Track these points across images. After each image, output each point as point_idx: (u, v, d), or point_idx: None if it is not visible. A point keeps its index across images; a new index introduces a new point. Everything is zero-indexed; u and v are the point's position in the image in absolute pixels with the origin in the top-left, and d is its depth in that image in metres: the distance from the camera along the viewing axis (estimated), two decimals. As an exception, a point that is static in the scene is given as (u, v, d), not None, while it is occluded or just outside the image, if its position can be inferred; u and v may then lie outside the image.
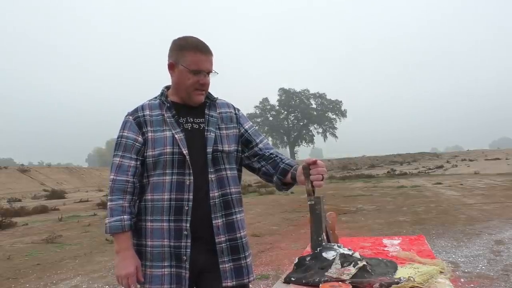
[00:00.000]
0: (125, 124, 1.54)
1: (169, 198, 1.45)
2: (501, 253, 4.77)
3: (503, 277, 3.86)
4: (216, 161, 1.52)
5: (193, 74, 1.50)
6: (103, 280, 4.48)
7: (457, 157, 39.37)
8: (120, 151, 1.50)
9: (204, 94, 1.55)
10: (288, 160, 1.61)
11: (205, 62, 1.51)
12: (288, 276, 1.40)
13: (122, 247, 1.45)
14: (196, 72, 1.50)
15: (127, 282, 1.44)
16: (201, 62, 1.50)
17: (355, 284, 1.24)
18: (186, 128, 1.53)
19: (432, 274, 1.36)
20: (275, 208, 10.58)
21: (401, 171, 27.96)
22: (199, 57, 1.50)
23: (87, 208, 13.61)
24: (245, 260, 1.54)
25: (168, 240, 1.45)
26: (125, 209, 1.45)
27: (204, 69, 1.51)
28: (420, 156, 45.06)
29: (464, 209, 8.57)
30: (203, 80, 1.51)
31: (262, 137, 1.69)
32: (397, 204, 10.13)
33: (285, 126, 67.53)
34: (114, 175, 1.48)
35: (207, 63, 1.52)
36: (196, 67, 1.49)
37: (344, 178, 24.31)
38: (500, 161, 31.08)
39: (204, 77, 1.51)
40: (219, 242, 1.48)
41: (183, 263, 1.45)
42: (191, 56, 1.49)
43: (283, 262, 4.76)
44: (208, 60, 1.52)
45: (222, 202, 1.51)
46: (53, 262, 5.54)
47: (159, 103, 1.56)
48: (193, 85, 1.51)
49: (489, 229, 6.25)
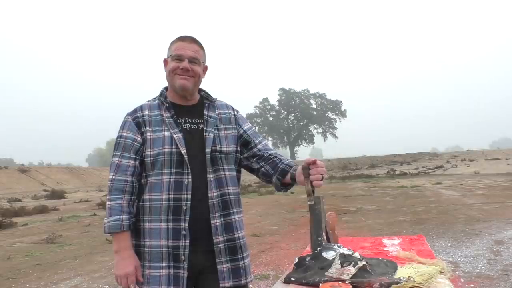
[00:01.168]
0: (124, 124, 1.54)
1: (168, 197, 1.45)
2: (501, 253, 4.78)
3: (503, 277, 3.86)
4: (215, 162, 1.52)
5: (174, 60, 1.52)
6: (103, 280, 4.48)
7: (457, 157, 39.37)
8: (119, 151, 1.51)
9: (188, 79, 1.53)
10: (287, 161, 1.62)
11: (186, 48, 1.53)
12: (288, 276, 1.40)
13: (121, 247, 1.45)
14: (177, 57, 1.52)
15: (126, 282, 1.44)
16: (182, 48, 1.52)
17: (355, 284, 1.24)
18: (185, 128, 1.53)
19: (432, 274, 1.37)
20: (275, 208, 10.58)
21: (401, 171, 27.97)
22: (180, 44, 1.53)
23: (87, 208, 13.62)
24: (243, 261, 1.53)
25: (166, 240, 1.45)
26: (124, 209, 1.45)
27: (183, 54, 1.52)
28: (420, 156, 45.07)
29: (464, 209, 8.57)
30: (183, 65, 1.51)
31: (261, 138, 1.70)
32: (397, 204, 10.13)
33: (285, 126, 67.55)
34: (113, 174, 1.48)
35: (188, 50, 1.53)
36: (176, 52, 1.52)
37: (344, 178, 24.31)
38: (500, 161, 31.11)
39: (186, 62, 1.51)
40: (217, 243, 1.48)
41: (181, 263, 1.45)
42: (174, 45, 1.55)
43: (283, 262, 4.76)
44: (189, 47, 1.53)
45: (221, 202, 1.51)
46: (53, 262, 5.54)
47: (158, 103, 1.57)
48: (174, 70, 1.52)
49: (489, 229, 6.26)
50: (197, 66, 1.54)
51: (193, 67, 1.53)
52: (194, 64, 1.53)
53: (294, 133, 67.59)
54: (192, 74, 1.53)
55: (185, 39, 1.55)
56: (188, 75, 1.53)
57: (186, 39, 1.55)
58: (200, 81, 1.60)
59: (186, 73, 1.52)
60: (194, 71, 1.53)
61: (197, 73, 1.55)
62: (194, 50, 1.54)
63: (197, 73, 1.54)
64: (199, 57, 1.55)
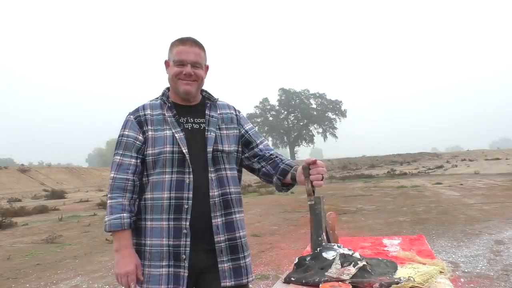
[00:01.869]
0: (126, 123, 1.55)
1: (169, 196, 1.46)
2: (501, 253, 4.78)
3: (503, 277, 3.86)
4: (216, 161, 1.53)
5: (177, 65, 1.53)
6: (103, 280, 4.49)
7: (457, 157, 39.33)
8: (120, 149, 1.51)
9: (191, 84, 1.54)
10: (288, 161, 1.62)
11: (188, 53, 1.52)
12: (288, 276, 1.40)
13: (121, 245, 1.45)
14: (179, 63, 1.52)
15: (127, 280, 1.44)
16: (183, 53, 1.52)
17: (355, 284, 1.24)
18: (187, 128, 1.54)
19: (432, 274, 1.37)
20: (275, 208, 10.58)
21: (401, 171, 27.95)
22: (181, 49, 1.53)
23: (87, 208, 13.62)
24: (244, 260, 1.54)
25: (167, 239, 1.45)
26: (125, 207, 1.46)
27: (185, 59, 1.52)
28: (420, 156, 45.02)
29: (464, 209, 8.57)
30: (186, 70, 1.52)
31: (262, 138, 1.70)
32: (397, 204, 10.13)
33: (285, 126, 67.54)
34: (114, 173, 1.49)
35: (190, 54, 1.52)
36: (178, 57, 1.52)
37: (344, 178, 24.30)
38: (500, 161, 31.08)
39: (189, 68, 1.52)
40: (218, 242, 1.48)
41: (182, 262, 1.45)
42: (175, 49, 1.54)
43: (283, 262, 4.77)
44: (191, 51, 1.53)
45: (222, 201, 1.51)
46: (53, 262, 5.54)
47: (160, 103, 1.58)
48: (177, 75, 1.53)
49: (489, 229, 6.26)
50: (199, 70, 1.55)
51: (196, 72, 1.53)
52: (196, 68, 1.54)
53: (294, 133, 67.56)
54: (195, 78, 1.54)
55: (186, 43, 1.54)
56: (191, 79, 1.53)
57: (187, 42, 1.54)
58: (203, 83, 1.60)
59: (189, 78, 1.52)
60: (197, 75, 1.54)
61: (200, 77, 1.55)
62: (195, 53, 1.54)
63: (200, 76, 1.55)
64: (201, 61, 1.55)
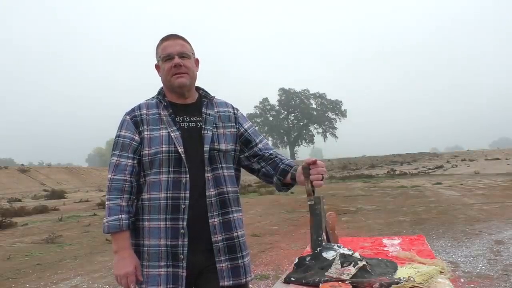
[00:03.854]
0: (122, 123, 1.54)
1: (166, 196, 1.45)
2: (501, 253, 4.78)
3: (503, 277, 3.86)
4: (213, 160, 1.52)
5: (165, 61, 1.53)
6: (103, 280, 4.48)
7: (457, 157, 39.36)
8: (117, 150, 1.50)
9: (183, 76, 1.53)
10: (287, 161, 1.61)
11: (172, 45, 1.53)
12: (288, 276, 1.40)
13: (120, 247, 1.45)
14: (167, 57, 1.52)
15: (126, 281, 1.44)
16: (168, 47, 1.53)
17: (355, 284, 1.24)
18: (183, 126, 1.53)
19: (432, 274, 1.36)
20: (275, 208, 10.58)
21: (401, 171, 27.97)
22: (165, 44, 1.55)
23: (87, 208, 13.63)
24: (242, 260, 1.53)
25: (165, 239, 1.45)
26: (123, 208, 1.45)
27: (172, 51, 1.52)
28: (420, 156, 45.05)
29: (464, 209, 8.57)
30: (174, 61, 1.52)
31: (261, 137, 1.69)
32: (397, 204, 10.13)
33: (285, 126, 67.56)
34: (111, 174, 1.48)
35: (175, 46, 1.53)
36: (165, 52, 1.53)
37: (344, 178, 24.32)
38: (500, 161, 31.10)
39: (177, 59, 1.52)
40: (216, 241, 1.48)
41: (180, 262, 1.44)
42: (160, 47, 1.56)
43: (283, 262, 4.76)
44: (175, 44, 1.54)
45: (219, 201, 1.51)
46: (53, 262, 5.54)
47: (156, 102, 1.57)
48: (169, 71, 1.53)
49: (489, 229, 6.25)
50: (187, 60, 1.55)
51: (184, 62, 1.53)
52: (184, 58, 1.54)
53: (294, 133, 67.60)
54: (185, 70, 1.53)
55: (168, 38, 1.56)
56: (182, 71, 1.53)
57: (169, 38, 1.56)
58: (196, 76, 1.60)
59: (180, 70, 1.52)
60: (187, 66, 1.54)
61: (190, 68, 1.55)
62: (180, 44, 1.55)
63: (189, 67, 1.55)
64: (187, 51, 1.55)
